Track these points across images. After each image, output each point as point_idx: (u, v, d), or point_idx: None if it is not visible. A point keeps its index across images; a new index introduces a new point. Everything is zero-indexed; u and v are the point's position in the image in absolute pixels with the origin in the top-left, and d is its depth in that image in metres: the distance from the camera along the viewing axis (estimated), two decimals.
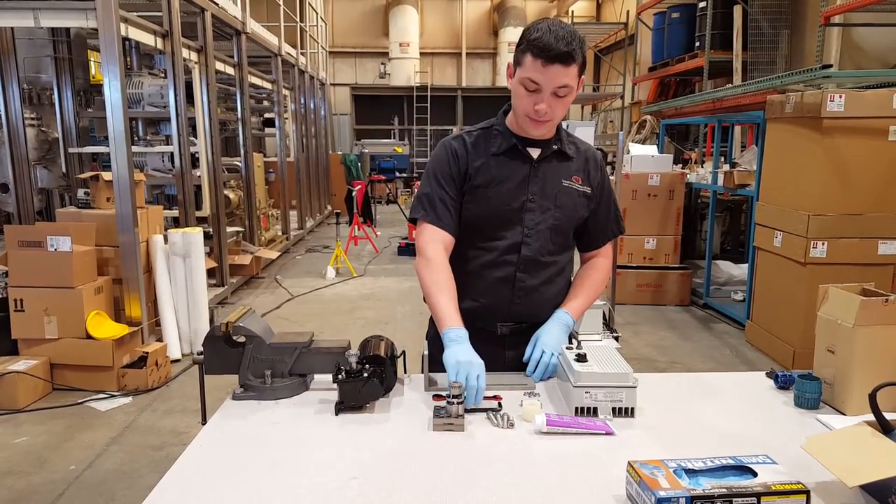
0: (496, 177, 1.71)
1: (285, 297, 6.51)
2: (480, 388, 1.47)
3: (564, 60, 1.53)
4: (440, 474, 1.23)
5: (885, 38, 6.09)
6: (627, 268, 6.17)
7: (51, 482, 3.00)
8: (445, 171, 1.73)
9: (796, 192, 4.41)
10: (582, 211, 1.79)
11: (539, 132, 1.69)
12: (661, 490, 1.02)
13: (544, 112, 1.60)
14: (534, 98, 1.59)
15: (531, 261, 1.74)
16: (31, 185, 6.25)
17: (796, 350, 4.33)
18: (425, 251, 1.70)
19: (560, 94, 1.58)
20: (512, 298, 1.75)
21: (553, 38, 1.51)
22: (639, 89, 11.15)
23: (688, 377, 1.86)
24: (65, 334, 3.94)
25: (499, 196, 1.71)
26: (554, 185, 1.73)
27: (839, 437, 1.26)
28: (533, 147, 1.73)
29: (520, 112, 1.65)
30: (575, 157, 1.77)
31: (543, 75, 1.55)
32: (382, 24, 17.12)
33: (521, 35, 1.61)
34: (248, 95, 7.68)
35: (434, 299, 1.66)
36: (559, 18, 10.48)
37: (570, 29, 1.55)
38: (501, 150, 1.73)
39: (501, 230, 1.73)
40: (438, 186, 1.73)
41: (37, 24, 4.47)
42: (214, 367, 1.60)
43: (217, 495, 1.17)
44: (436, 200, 1.72)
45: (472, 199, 1.72)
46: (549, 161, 1.74)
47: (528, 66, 1.56)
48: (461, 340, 1.57)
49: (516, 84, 1.62)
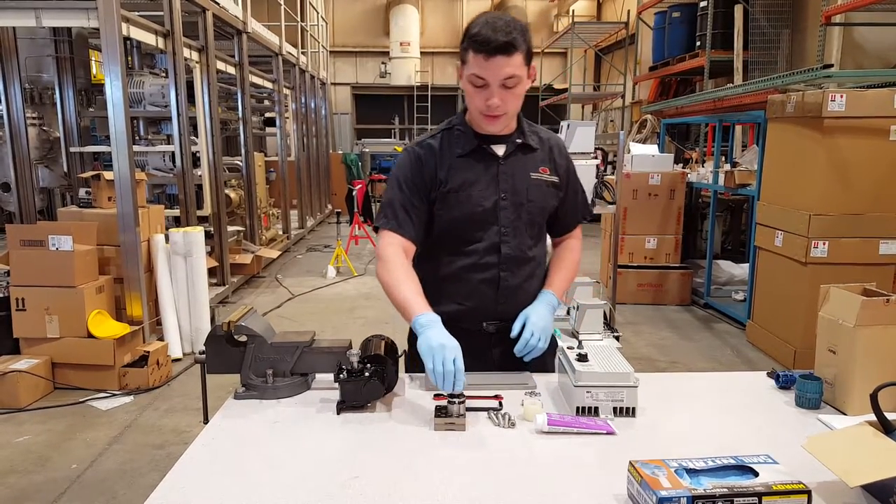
0: (465, 180, 1.70)
1: (286, 296, 6.51)
2: (458, 371, 1.41)
3: (506, 51, 1.52)
4: (441, 474, 1.24)
5: (886, 37, 6.08)
6: (628, 267, 6.16)
7: (52, 481, 3.00)
8: (409, 179, 1.71)
9: (797, 191, 4.41)
10: (552, 201, 1.79)
11: (496, 128, 1.68)
12: (663, 490, 1.02)
13: (497, 106, 1.59)
14: (484, 94, 1.58)
15: (512, 258, 1.73)
16: (33, 185, 6.24)
17: (797, 350, 4.33)
18: (383, 257, 1.68)
19: (509, 85, 1.57)
20: (497, 298, 1.74)
21: (491, 31, 1.51)
22: (639, 89, 11.14)
23: (689, 377, 1.86)
24: (66, 333, 3.94)
25: (470, 199, 1.69)
26: (523, 180, 1.73)
27: (840, 437, 1.27)
28: (497, 144, 1.72)
29: (474, 110, 1.65)
30: (539, 147, 1.77)
31: (487, 69, 1.54)
32: (383, 24, 17.11)
33: (464, 31, 1.59)
34: (249, 95, 7.69)
35: (395, 293, 1.62)
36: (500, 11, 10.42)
37: (509, 19, 1.54)
38: (466, 151, 1.71)
39: (478, 232, 1.72)
40: (401, 193, 1.71)
41: (38, 24, 4.46)
42: (216, 367, 1.60)
43: (219, 494, 1.17)
44: (398, 208, 1.70)
45: (445, 205, 1.70)
46: (515, 156, 1.73)
47: (472, 62, 1.55)
48: (433, 325, 1.52)
49: (465, 83, 1.62)
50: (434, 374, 1.43)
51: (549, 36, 15.23)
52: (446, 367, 1.41)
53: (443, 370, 1.41)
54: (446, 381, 1.41)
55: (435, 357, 1.43)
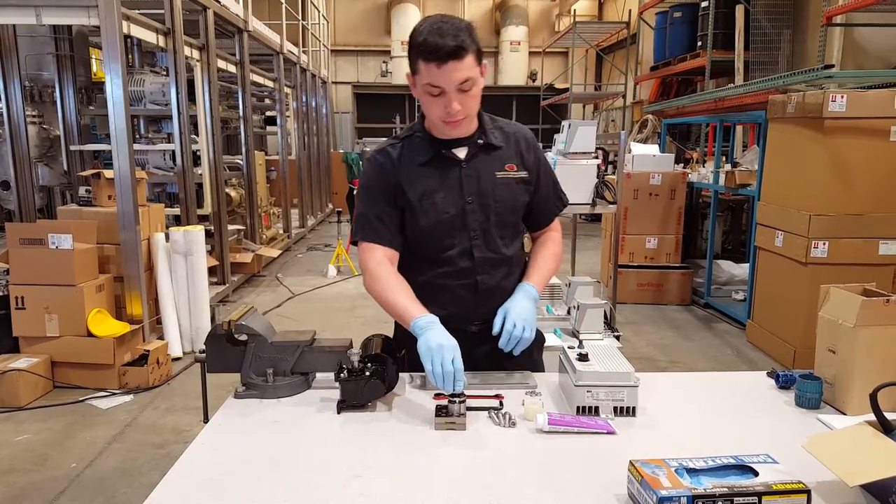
0: (428, 188, 1.67)
1: (286, 295, 6.51)
2: (458, 371, 1.42)
3: (457, 55, 1.49)
4: (442, 473, 1.24)
5: (886, 38, 6.08)
6: (629, 267, 6.17)
7: (52, 480, 3.00)
8: (375, 187, 1.71)
9: (798, 192, 4.41)
10: (523, 196, 1.74)
11: (459, 131, 1.65)
12: (663, 489, 1.02)
13: (457, 111, 1.56)
14: (442, 101, 1.55)
15: (487, 260, 1.71)
16: (33, 183, 6.24)
17: (797, 350, 4.33)
18: (368, 269, 1.68)
19: (465, 88, 1.54)
20: (476, 301, 1.72)
21: (439, 37, 1.48)
22: (640, 89, 11.14)
23: (689, 377, 1.86)
24: (66, 332, 3.94)
25: (435, 207, 1.67)
26: (488, 181, 1.69)
27: (840, 436, 1.27)
28: (458, 147, 1.69)
29: (434, 118, 1.62)
30: (504, 144, 1.73)
31: (441, 77, 1.51)
32: (384, 23, 17.10)
33: (409, 40, 1.56)
34: (250, 93, 7.68)
35: (389, 301, 1.62)
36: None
37: (454, 21, 1.52)
38: (426, 159, 1.68)
39: (448, 239, 1.69)
40: (372, 203, 1.71)
41: (39, 22, 4.46)
42: (216, 366, 1.60)
43: (219, 494, 1.17)
44: (371, 218, 1.70)
45: (412, 215, 1.69)
46: (478, 157, 1.70)
47: (424, 71, 1.53)
48: (431, 326, 1.52)
49: (420, 93, 1.58)
50: (433, 375, 1.43)
51: (551, 35, 15.24)
52: (445, 368, 1.42)
53: (441, 371, 1.42)
54: (446, 381, 1.41)
55: (434, 358, 1.43)
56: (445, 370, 1.41)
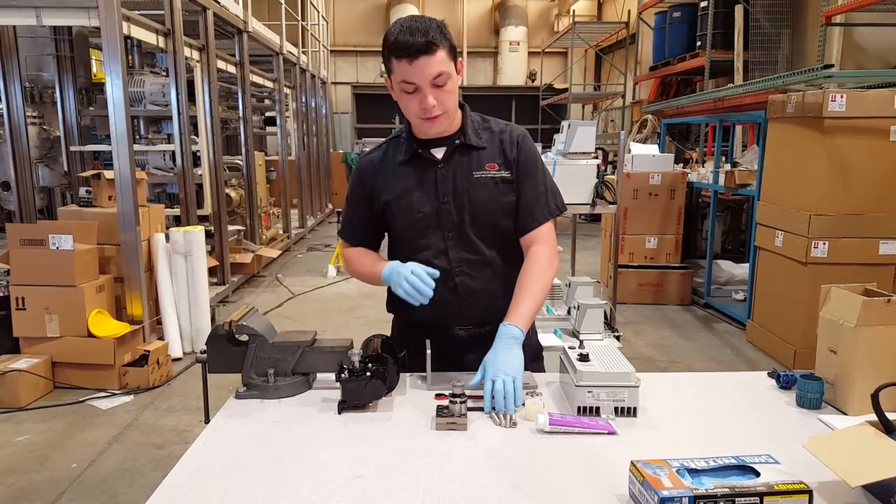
0: (404, 188, 1.69)
1: (286, 295, 6.51)
2: (422, 276, 1.56)
3: (427, 50, 1.51)
4: (443, 473, 1.24)
5: (886, 38, 6.08)
6: (628, 267, 6.17)
7: (52, 480, 3.01)
8: (355, 192, 1.80)
9: (797, 191, 4.41)
10: (506, 197, 1.70)
11: (438, 129, 1.65)
12: (664, 489, 1.02)
13: (433, 105, 1.56)
14: (417, 98, 1.57)
15: (464, 261, 1.70)
16: (33, 184, 6.24)
17: (797, 350, 4.33)
18: (344, 255, 1.87)
19: (439, 83, 1.55)
20: (459, 302, 1.71)
21: (409, 34, 1.50)
22: (640, 88, 11.14)
23: (689, 377, 1.86)
24: (66, 332, 3.94)
25: (410, 206, 1.69)
26: (464, 181, 1.68)
27: (841, 437, 1.27)
28: (437, 147, 1.69)
29: (413, 117, 1.63)
30: (488, 144, 1.71)
31: (413, 72, 1.53)
32: (384, 23, 17.09)
33: (382, 43, 1.58)
34: (250, 94, 7.68)
35: (364, 271, 1.77)
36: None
37: (425, 19, 1.54)
38: (406, 158, 1.70)
39: (423, 239, 1.71)
40: (352, 206, 1.83)
41: (39, 23, 4.46)
42: (217, 366, 1.60)
43: (220, 494, 1.17)
44: (352, 222, 1.84)
45: (390, 215, 1.73)
46: (455, 157, 1.69)
47: (397, 70, 1.55)
48: (392, 266, 1.64)
49: (397, 92, 1.60)
50: (408, 294, 1.56)
51: (550, 35, 15.24)
52: (411, 281, 1.55)
53: (410, 286, 1.55)
54: (420, 289, 1.55)
55: (400, 281, 1.57)
56: (413, 283, 1.55)
